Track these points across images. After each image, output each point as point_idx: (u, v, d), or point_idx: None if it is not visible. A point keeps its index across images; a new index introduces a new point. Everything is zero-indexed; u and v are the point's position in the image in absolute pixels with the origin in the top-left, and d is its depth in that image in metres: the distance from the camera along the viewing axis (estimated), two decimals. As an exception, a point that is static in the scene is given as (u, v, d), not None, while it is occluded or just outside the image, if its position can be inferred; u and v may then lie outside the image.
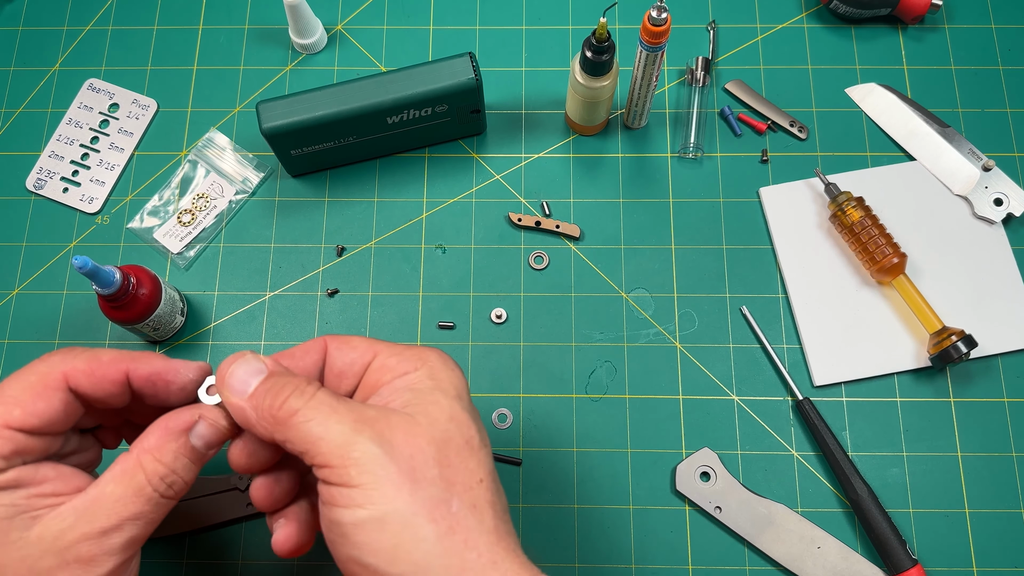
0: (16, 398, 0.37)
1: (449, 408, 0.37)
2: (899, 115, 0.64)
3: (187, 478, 0.39)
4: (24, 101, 0.67)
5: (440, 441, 0.36)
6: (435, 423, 0.37)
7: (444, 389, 0.38)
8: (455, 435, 0.37)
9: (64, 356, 0.39)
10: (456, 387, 0.39)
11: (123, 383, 0.40)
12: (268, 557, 0.56)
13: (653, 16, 0.52)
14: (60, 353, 0.39)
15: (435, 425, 0.37)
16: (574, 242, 0.62)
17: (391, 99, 0.58)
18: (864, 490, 0.54)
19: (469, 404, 0.39)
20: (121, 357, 0.40)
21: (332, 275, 0.62)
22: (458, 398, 0.38)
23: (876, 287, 0.60)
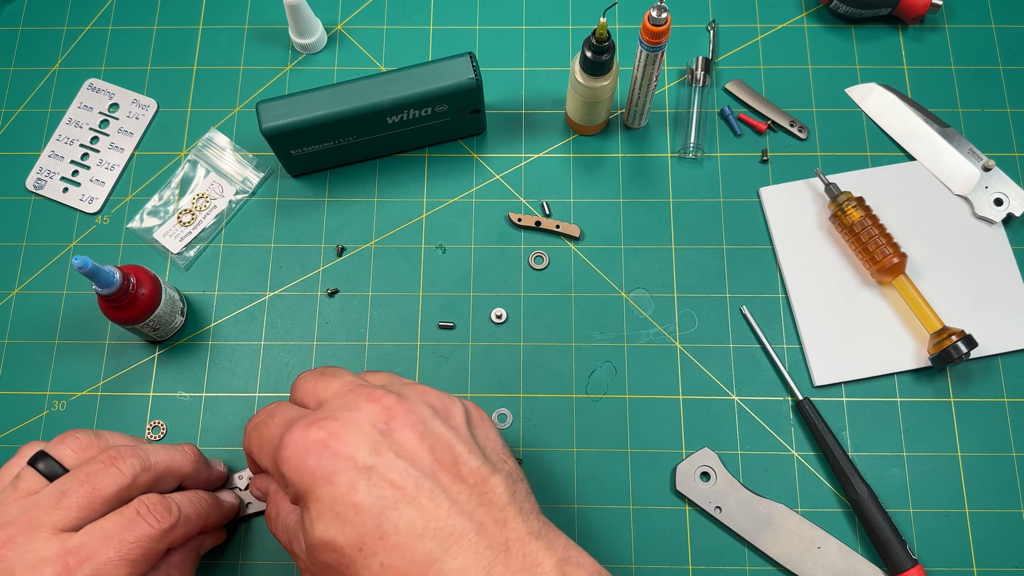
0: (128, 560, 0.43)
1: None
2: (899, 115, 0.64)
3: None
4: (24, 101, 0.67)
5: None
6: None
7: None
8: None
9: (173, 521, 0.45)
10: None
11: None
12: (268, 557, 0.56)
13: (653, 16, 0.52)
14: (167, 511, 0.45)
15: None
16: (574, 242, 0.62)
17: (391, 99, 0.58)
18: (864, 490, 0.54)
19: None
20: (200, 518, 0.48)
21: (332, 275, 0.62)
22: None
23: (876, 287, 0.60)
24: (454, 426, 0.40)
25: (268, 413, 0.44)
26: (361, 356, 0.60)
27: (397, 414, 0.39)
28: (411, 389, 0.42)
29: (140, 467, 0.45)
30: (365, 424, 0.38)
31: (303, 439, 0.38)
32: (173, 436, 0.58)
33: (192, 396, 0.59)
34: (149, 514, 0.44)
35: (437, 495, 0.37)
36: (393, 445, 0.38)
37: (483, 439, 0.41)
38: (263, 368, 0.60)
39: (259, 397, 0.59)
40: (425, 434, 0.39)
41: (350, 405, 0.40)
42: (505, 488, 0.39)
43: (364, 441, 0.38)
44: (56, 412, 0.59)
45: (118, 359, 0.60)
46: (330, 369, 0.45)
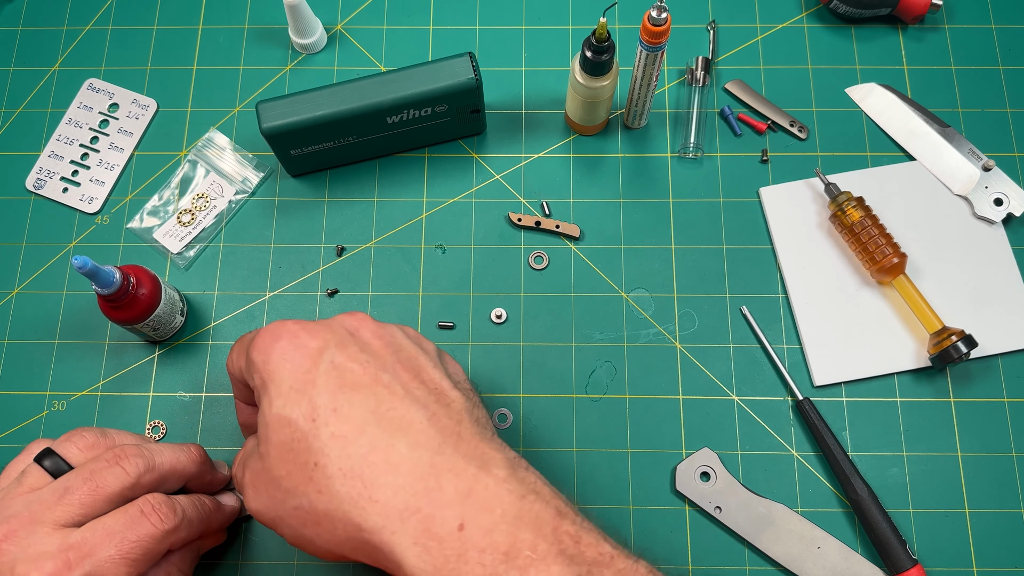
0: (129, 560, 0.43)
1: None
2: (899, 115, 0.64)
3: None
4: (24, 101, 0.67)
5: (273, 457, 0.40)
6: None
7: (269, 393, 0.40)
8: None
9: (176, 522, 0.45)
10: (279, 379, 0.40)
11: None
12: (268, 557, 0.56)
13: (653, 16, 0.52)
14: (171, 511, 0.45)
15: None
16: (574, 242, 0.62)
17: (391, 99, 0.58)
18: (864, 490, 0.54)
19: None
20: (203, 521, 0.48)
21: (332, 275, 0.62)
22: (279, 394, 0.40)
23: (876, 287, 0.60)
24: (425, 349, 0.42)
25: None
26: (361, 356, 0.60)
27: (369, 324, 0.41)
28: (391, 325, 0.44)
29: (144, 467, 0.46)
30: (337, 326, 0.40)
31: (275, 328, 0.40)
32: (173, 436, 0.58)
33: (192, 396, 0.59)
34: (153, 514, 0.44)
35: (395, 386, 0.38)
36: (359, 342, 0.40)
37: (452, 370, 0.43)
38: (263, 368, 0.60)
39: (259, 397, 0.59)
40: (391, 343, 0.41)
41: (329, 320, 0.42)
42: (464, 402, 0.40)
43: (332, 336, 0.39)
44: (56, 412, 0.59)
45: (118, 359, 0.60)
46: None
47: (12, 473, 0.46)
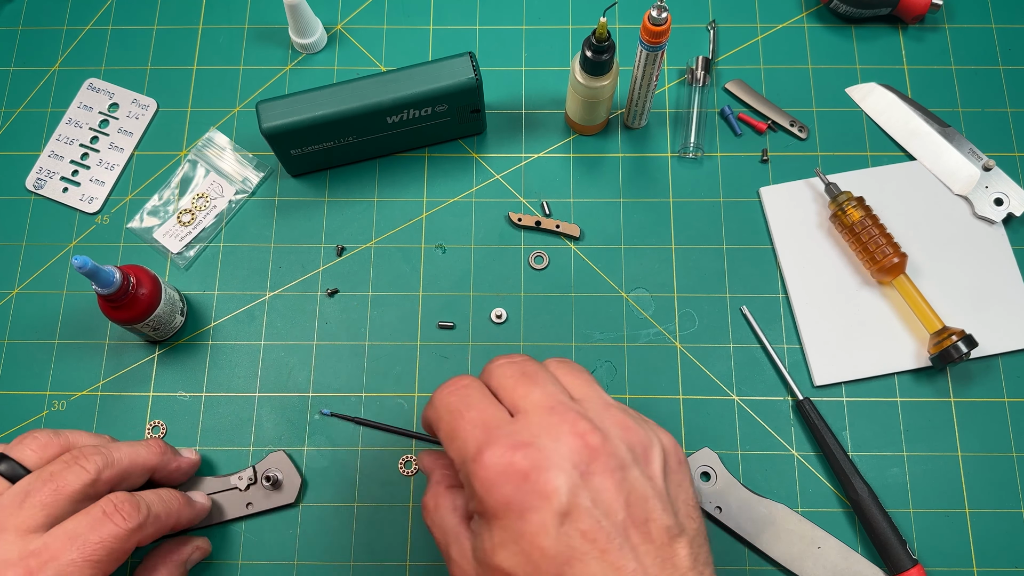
0: (92, 562, 0.43)
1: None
2: (899, 115, 0.64)
3: None
4: (24, 101, 0.67)
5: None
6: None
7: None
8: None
9: (140, 520, 0.45)
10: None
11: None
12: (268, 557, 0.56)
13: (653, 16, 0.52)
14: (135, 509, 0.45)
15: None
16: (574, 242, 0.62)
17: (391, 99, 0.58)
18: (864, 490, 0.54)
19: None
20: (170, 516, 0.48)
21: (332, 275, 0.62)
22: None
23: (876, 287, 0.60)
24: (650, 475, 0.38)
25: (462, 398, 0.41)
26: (361, 356, 0.60)
27: (599, 456, 0.37)
28: (611, 419, 0.40)
29: (103, 463, 0.46)
30: (567, 462, 0.37)
31: (504, 462, 0.36)
32: (173, 436, 0.58)
33: (192, 396, 0.59)
34: (116, 513, 0.44)
35: (625, 553, 0.36)
36: (591, 491, 0.36)
37: (675, 488, 0.40)
38: (263, 368, 0.60)
39: (259, 397, 0.59)
40: (622, 483, 0.37)
41: (553, 432, 0.38)
42: (689, 552, 0.38)
43: (564, 481, 0.36)
44: (56, 412, 0.59)
45: (118, 359, 0.60)
46: (531, 368, 0.42)
47: None
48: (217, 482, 0.56)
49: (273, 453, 0.57)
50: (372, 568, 0.55)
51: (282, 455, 0.56)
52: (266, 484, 0.55)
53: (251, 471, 0.55)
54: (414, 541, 0.56)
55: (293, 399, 0.59)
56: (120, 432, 0.58)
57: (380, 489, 0.57)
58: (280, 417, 0.58)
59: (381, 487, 0.57)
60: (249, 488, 0.55)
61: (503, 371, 0.42)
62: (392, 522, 0.56)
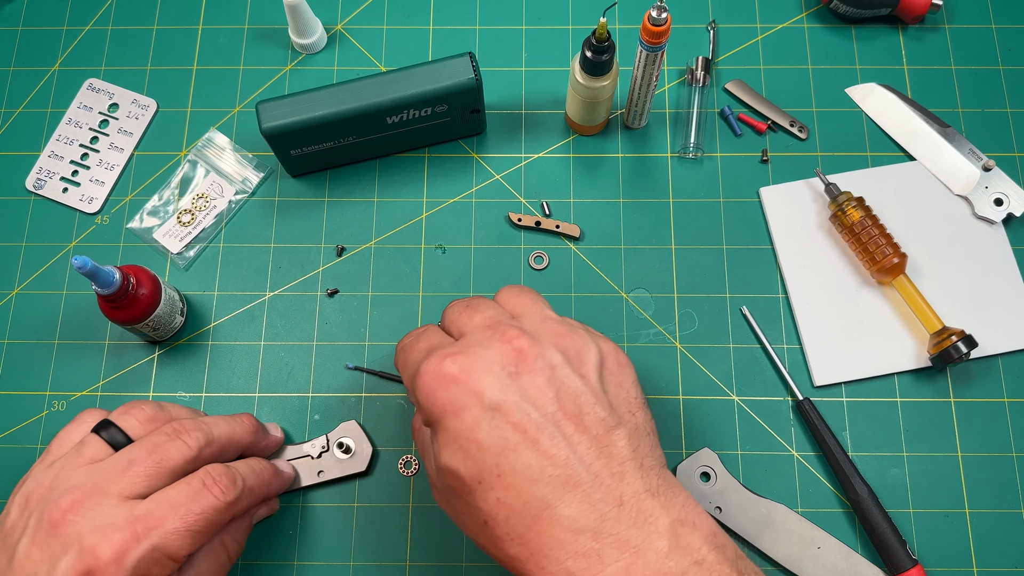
0: (193, 532, 0.44)
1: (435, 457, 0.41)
2: (899, 115, 0.64)
3: (244, 547, 0.51)
4: (24, 101, 0.67)
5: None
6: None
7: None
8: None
9: (237, 494, 0.47)
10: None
11: None
12: (268, 557, 0.56)
13: (653, 16, 0.52)
14: (232, 483, 0.47)
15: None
16: (574, 242, 0.62)
17: (391, 99, 0.58)
18: (864, 490, 0.54)
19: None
20: (262, 488, 0.50)
21: (332, 275, 0.62)
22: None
23: (876, 287, 0.60)
24: (583, 374, 0.40)
25: (416, 336, 0.45)
26: (361, 356, 0.60)
27: (527, 357, 0.39)
28: (546, 329, 0.42)
29: (204, 440, 0.47)
30: (495, 364, 0.39)
31: (437, 370, 0.39)
32: (173, 436, 0.58)
33: (192, 396, 0.59)
34: (215, 485, 0.45)
35: (557, 442, 0.38)
36: (519, 388, 0.38)
37: (614, 387, 0.41)
38: (263, 368, 0.60)
39: (259, 397, 0.59)
40: (552, 380, 0.39)
41: (484, 343, 0.40)
42: (628, 442, 0.39)
43: (492, 381, 0.38)
44: (56, 412, 0.59)
45: (118, 359, 0.60)
46: (476, 300, 0.45)
47: (67, 443, 0.47)
48: (291, 450, 0.56)
49: (346, 422, 0.57)
50: (372, 568, 0.55)
51: (354, 424, 0.57)
52: (339, 452, 0.56)
53: (324, 439, 0.56)
54: (414, 541, 0.56)
55: (293, 399, 0.59)
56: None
57: (380, 489, 0.57)
58: (280, 417, 0.58)
59: (381, 487, 0.57)
60: (322, 456, 0.56)
61: (452, 307, 0.45)
62: (392, 522, 0.56)
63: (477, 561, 0.55)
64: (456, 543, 0.56)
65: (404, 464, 0.57)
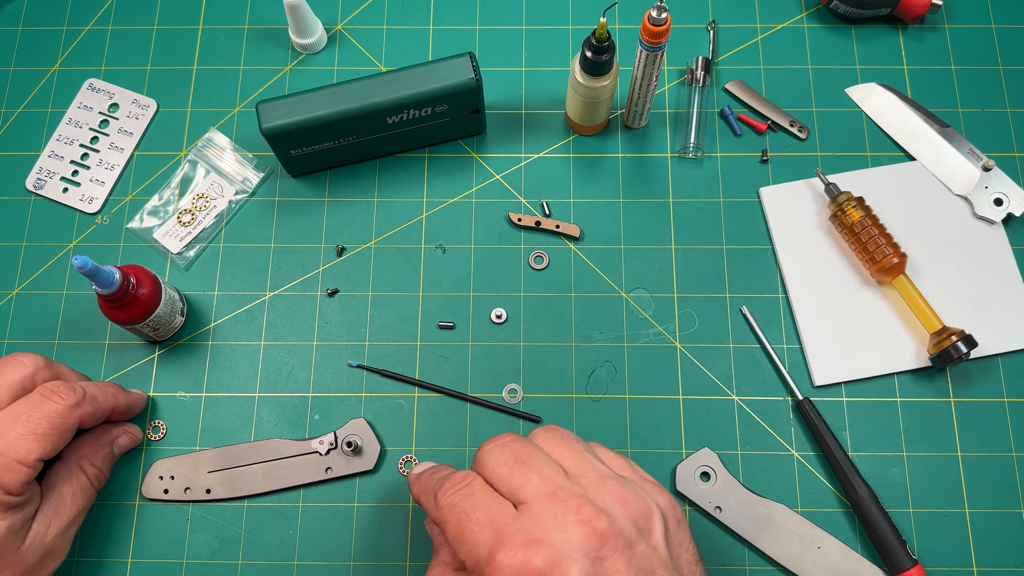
0: (38, 434, 0.47)
1: None
2: (899, 115, 0.64)
3: (108, 475, 0.54)
4: (24, 101, 0.67)
5: None
6: None
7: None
8: None
9: (78, 398, 0.49)
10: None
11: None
12: (267, 557, 0.56)
13: (653, 16, 0.52)
14: (71, 390, 0.50)
15: None
16: (574, 242, 0.62)
17: (391, 99, 0.58)
18: (864, 490, 0.54)
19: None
20: (107, 398, 0.53)
21: (332, 275, 0.62)
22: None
23: (876, 287, 0.60)
24: (654, 545, 0.40)
25: (465, 497, 0.41)
26: (361, 356, 0.60)
27: (608, 540, 0.38)
28: (611, 495, 0.40)
29: (44, 362, 0.50)
30: (578, 552, 0.37)
31: (518, 563, 0.37)
32: (173, 436, 0.58)
33: (192, 396, 0.59)
34: (53, 394, 0.48)
35: None
36: (593, 568, 0.37)
37: (677, 549, 0.41)
38: (263, 368, 0.60)
39: (259, 397, 0.59)
40: (631, 561, 0.38)
41: (559, 522, 0.38)
42: None
43: (578, 572, 0.37)
44: (56, 412, 0.59)
45: (118, 359, 0.60)
46: (522, 451, 0.42)
47: None
48: (298, 445, 0.56)
49: (354, 420, 0.57)
50: (372, 568, 0.55)
51: (362, 422, 0.57)
52: (347, 450, 0.56)
53: (332, 436, 0.56)
54: (414, 541, 0.56)
55: (293, 399, 0.59)
56: (120, 432, 0.58)
57: (380, 489, 0.57)
58: (280, 417, 0.58)
59: (381, 487, 0.57)
60: (330, 453, 0.56)
61: (495, 458, 0.42)
62: (392, 522, 0.56)
63: (477, 561, 0.55)
64: (456, 543, 0.56)
65: (404, 464, 0.57)
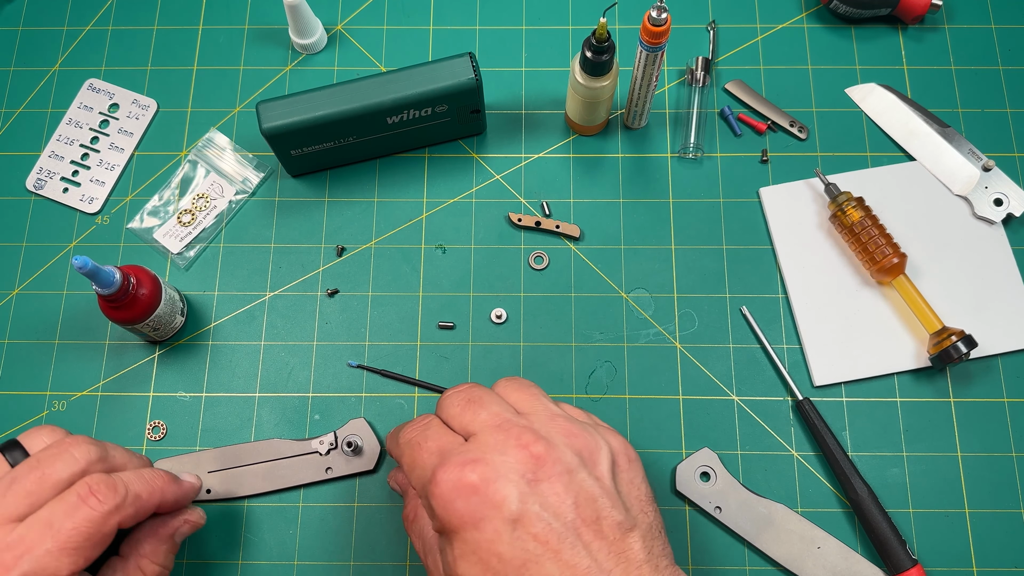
0: (69, 549, 0.41)
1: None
2: (899, 115, 0.64)
3: (172, 566, 0.48)
4: (24, 101, 0.67)
5: None
6: None
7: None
8: None
9: (118, 501, 0.43)
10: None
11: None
12: (267, 557, 0.56)
13: (653, 16, 0.52)
14: (112, 490, 0.43)
15: None
16: (574, 242, 0.62)
17: (391, 99, 0.58)
18: (864, 490, 0.54)
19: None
20: (153, 495, 0.46)
21: (332, 275, 0.62)
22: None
23: (876, 287, 0.60)
24: (598, 476, 0.40)
25: (421, 431, 0.43)
26: (361, 356, 0.60)
27: (545, 463, 0.39)
28: (557, 428, 0.41)
29: (96, 455, 0.44)
30: (514, 472, 0.39)
31: (455, 480, 0.39)
32: (173, 436, 0.58)
33: (192, 396, 0.59)
34: (91, 496, 0.41)
35: (578, 551, 0.37)
36: (539, 496, 0.38)
37: (626, 486, 0.41)
38: (263, 368, 0.60)
39: (259, 397, 0.59)
40: (570, 486, 0.39)
41: (499, 447, 0.40)
42: (643, 544, 0.39)
43: (512, 490, 0.38)
44: (56, 412, 0.59)
45: (118, 359, 0.60)
46: (476, 393, 0.44)
47: None
48: (298, 445, 0.56)
49: (354, 420, 0.57)
50: (372, 568, 0.55)
51: (363, 422, 0.57)
52: (347, 450, 0.56)
53: (332, 436, 0.56)
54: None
55: (293, 399, 0.59)
56: (120, 432, 0.58)
57: (380, 489, 0.57)
58: (280, 417, 0.58)
59: (381, 486, 0.57)
60: (330, 453, 0.56)
61: (451, 401, 0.44)
62: (392, 522, 0.56)
63: (477, 561, 0.55)
64: (456, 543, 0.56)
65: (404, 464, 0.57)
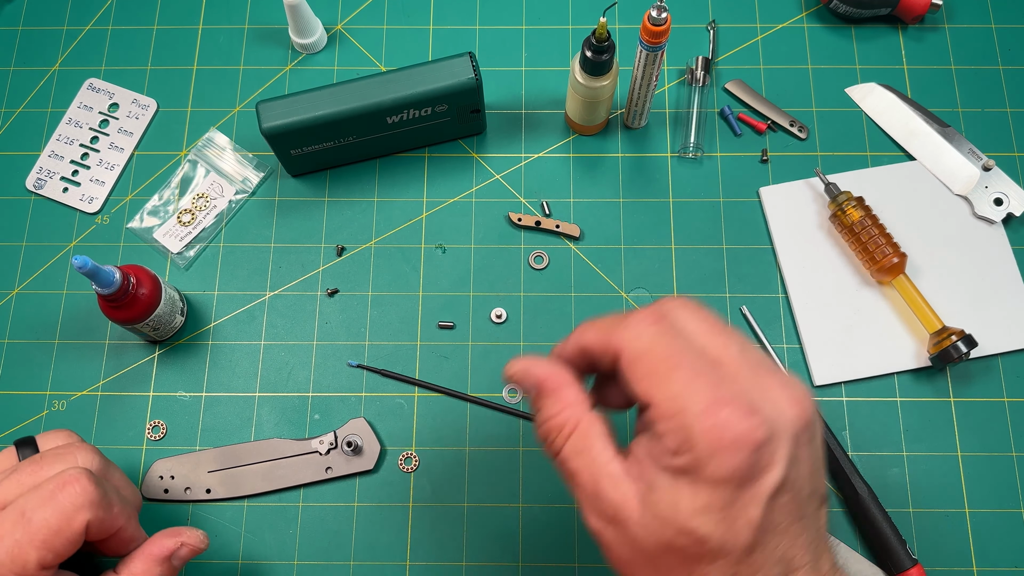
0: (36, 543, 0.40)
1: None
2: (899, 115, 0.64)
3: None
4: (24, 101, 0.67)
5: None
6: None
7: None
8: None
9: (88, 501, 0.42)
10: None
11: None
12: (267, 557, 0.56)
13: (653, 16, 0.52)
14: (83, 488, 0.42)
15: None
16: (574, 242, 0.62)
17: (391, 99, 0.58)
18: (864, 490, 0.54)
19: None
20: (123, 513, 0.44)
21: (332, 275, 0.62)
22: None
23: (876, 287, 0.60)
24: (819, 444, 0.37)
25: (674, 341, 0.36)
26: (361, 356, 0.60)
27: (808, 428, 0.35)
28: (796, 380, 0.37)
29: (98, 466, 0.45)
30: (789, 435, 0.34)
31: (741, 429, 0.33)
32: (173, 436, 0.58)
33: (192, 396, 0.59)
34: (67, 485, 0.42)
35: (806, 524, 0.35)
36: (797, 465, 0.34)
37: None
38: (263, 368, 0.60)
39: (259, 397, 0.59)
40: (812, 455, 0.36)
41: (772, 398, 0.35)
42: (826, 514, 0.37)
43: (785, 455, 0.34)
44: (56, 412, 0.59)
45: (118, 359, 0.60)
46: (721, 325, 0.37)
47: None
48: (298, 445, 0.56)
49: (354, 419, 0.57)
50: (372, 568, 0.55)
51: (363, 422, 0.57)
52: (347, 449, 0.56)
53: (332, 436, 0.56)
54: (414, 541, 0.56)
55: (293, 399, 0.59)
56: (120, 432, 0.58)
57: (380, 488, 0.57)
58: (280, 417, 0.58)
59: (381, 486, 0.57)
60: (330, 452, 0.56)
61: (691, 314, 0.37)
62: (392, 522, 0.56)
63: (476, 561, 0.55)
64: (456, 542, 0.56)
65: (404, 460, 0.57)
